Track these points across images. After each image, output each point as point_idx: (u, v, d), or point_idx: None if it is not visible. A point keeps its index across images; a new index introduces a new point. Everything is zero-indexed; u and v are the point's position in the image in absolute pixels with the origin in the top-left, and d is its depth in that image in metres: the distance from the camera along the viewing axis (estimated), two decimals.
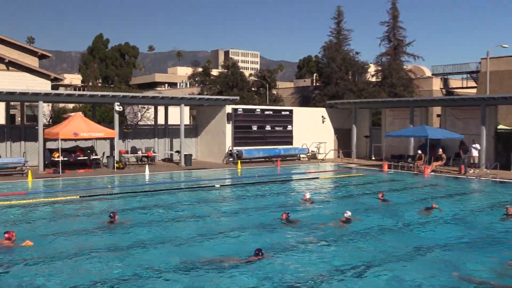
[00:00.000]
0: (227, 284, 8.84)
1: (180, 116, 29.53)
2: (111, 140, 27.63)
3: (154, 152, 30.27)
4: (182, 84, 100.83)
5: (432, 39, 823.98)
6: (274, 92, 59.49)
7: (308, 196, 16.95)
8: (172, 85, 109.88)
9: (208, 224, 13.61)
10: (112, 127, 27.09)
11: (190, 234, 12.45)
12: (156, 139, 31.45)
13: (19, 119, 34.59)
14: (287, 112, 33.21)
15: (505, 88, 41.38)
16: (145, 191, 19.33)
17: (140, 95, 29.07)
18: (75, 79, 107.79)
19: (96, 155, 27.50)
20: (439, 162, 26.54)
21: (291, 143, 32.97)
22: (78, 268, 9.70)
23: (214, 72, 66.31)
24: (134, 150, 29.83)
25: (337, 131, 35.44)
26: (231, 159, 30.04)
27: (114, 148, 26.92)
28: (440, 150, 26.99)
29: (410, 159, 28.08)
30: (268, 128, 32.03)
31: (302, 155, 33.48)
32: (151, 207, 16.06)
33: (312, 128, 34.00)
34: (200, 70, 65.06)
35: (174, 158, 31.53)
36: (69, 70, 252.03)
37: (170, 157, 31.83)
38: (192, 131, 33.08)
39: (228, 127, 30.52)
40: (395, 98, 36.05)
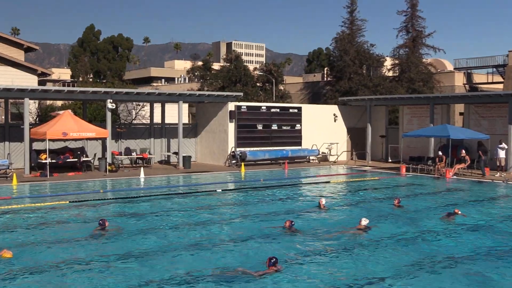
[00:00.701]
0: None
1: (178, 114, 29.55)
2: (103, 140, 27.65)
3: (150, 154, 30.30)
4: (180, 79, 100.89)
5: (455, 30, 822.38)
6: (281, 87, 59.43)
7: (323, 202, 17.02)
8: (170, 80, 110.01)
9: (209, 232, 13.59)
10: (104, 126, 27.12)
11: (189, 243, 12.42)
12: (152, 140, 31.49)
13: (3, 117, 34.70)
14: (296, 110, 33.17)
15: None
16: (139, 196, 19.32)
17: (134, 91, 29.10)
18: (64, 73, 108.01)
19: (87, 156, 27.53)
20: (462, 165, 26.42)
21: (299, 143, 32.94)
22: (62, 283, 9.54)
23: (216, 66, 66.28)
24: (128, 152, 29.87)
25: (350, 131, 35.37)
26: (234, 161, 30.03)
27: (107, 149, 26.95)
28: (463, 151, 26.88)
29: (430, 161, 27.99)
30: (274, 127, 32.00)
31: (311, 157, 33.42)
32: (146, 214, 16.04)
33: (323, 128, 33.96)
34: (200, 63, 65.08)
35: (171, 160, 31.54)
36: (57, 64, 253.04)
37: (167, 159, 31.85)
38: (191, 130, 33.10)
39: (231, 126, 30.52)
40: (414, 95, 35.94)
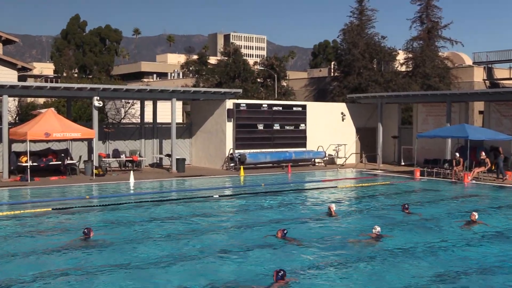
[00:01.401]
0: None
1: (171, 112, 29.54)
2: (89, 141, 27.64)
3: (140, 156, 30.29)
4: (173, 74, 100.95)
5: (474, 21, 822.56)
6: (284, 84, 59.45)
7: (334, 208, 17.06)
8: (162, 75, 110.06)
9: (205, 242, 13.58)
10: (90, 126, 27.11)
11: (183, 253, 12.42)
12: (143, 141, 31.48)
13: None
14: (300, 108, 33.17)
15: None
16: (129, 203, 19.31)
17: (123, 87, 29.09)
18: (46, 68, 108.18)
19: (72, 159, 27.52)
20: (482, 168, 26.42)
21: (304, 145, 32.93)
22: None
23: (212, 60, 66.36)
24: (116, 154, 29.85)
25: (359, 131, 35.36)
26: (232, 164, 30.03)
27: (93, 151, 26.93)
28: (483, 153, 26.88)
29: (447, 164, 27.98)
30: (276, 127, 32.00)
31: (317, 160, 33.40)
32: (135, 222, 16.04)
33: (330, 127, 33.95)
34: (195, 57, 65.13)
35: (164, 163, 31.52)
36: (39, 58, 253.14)
37: (159, 161, 31.83)
38: (186, 130, 33.10)
39: (229, 126, 30.52)
40: (429, 91, 35.92)
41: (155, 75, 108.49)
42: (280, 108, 32.40)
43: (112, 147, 30.50)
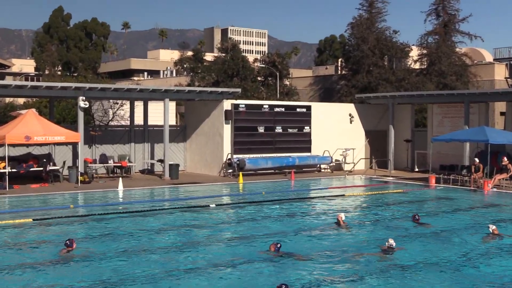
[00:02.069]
0: None
1: (164, 114, 29.56)
2: (74, 145, 27.64)
3: (130, 162, 30.30)
4: (166, 72, 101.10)
5: (494, 13, 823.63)
6: (287, 82, 59.54)
7: (343, 217, 17.12)
8: (154, 73, 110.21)
9: (200, 256, 13.58)
10: (75, 129, 27.14)
11: (177, 268, 12.42)
12: (133, 145, 31.51)
13: None
14: (304, 109, 33.20)
15: None
16: (117, 213, 19.30)
17: (111, 86, 29.12)
18: (26, 65, 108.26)
19: (55, 165, 27.53)
20: (504, 175, 26.41)
21: (309, 149, 32.95)
22: None
23: (208, 56, 66.43)
24: (103, 159, 29.87)
25: (369, 134, 35.39)
26: (230, 171, 30.04)
27: (78, 156, 26.94)
28: (505, 159, 26.88)
29: (465, 170, 27.98)
30: (278, 130, 32.02)
31: (323, 166, 33.43)
32: (124, 233, 16.05)
33: (337, 130, 33.97)
34: (189, 54, 65.25)
35: (155, 169, 31.55)
36: (18, 54, 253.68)
37: (150, 167, 31.85)
38: (180, 134, 33.13)
39: (227, 129, 30.54)
40: (445, 91, 35.95)
41: (146, 73, 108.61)
42: (283, 109, 32.42)
43: (99, 151, 30.52)
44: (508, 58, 50.30)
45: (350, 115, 34.98)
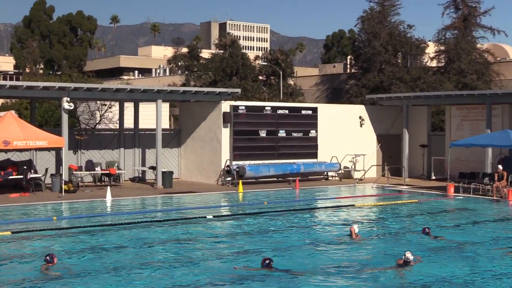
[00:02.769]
0: None
1: (156, 116, 29.59)
2: (58, 151, 27.66)
3: (119, 169, 30.31)
4: (159, 70, 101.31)
5: None
6: (291, 82, 59.60)
7: (356, 230, 17.24)
8: (145, 72, 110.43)
9: (196, 271, 13.57)
10: (59, 133, 27.16)
11: (168, 286, 12.40)
12: (122, 150, 31.52)
13: None
14: (310, 111, 33.21)
15: None
16: (104, 225, 19.29)
17: (99, 86, 29.18)
18: (4, 63, 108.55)
19: (36, 173, 27.54)
20: None
21: (315, 155, 32.95)
22: None
23: (205, 53, 66.49)
24: (90, 166, 29.87)
25: (381, 139, 35.39)
26: (228, 179, 30.04)
27: (62, 163, 26.94)
28: None
29: (487, 178, 27.97)
30: (282, 134, 32.04)
31: (330, 173, 33.42)
32: (112, 248, 16.04)
33: (346, 134, 33.99)
34: (184, 50, 65.32)
35: (147, 177, 31.56)
36: None
37: (141, 175, 31.85)
38: (174, 138, 33.14)
39: (225, 133, 30.56)
40: (465, 91, 35.96)
41: (136, 72, 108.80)
42: (286, 111, 32.44)
43: (85, 158, 30.51)
44: None
45: (361, 117, 34.99)
